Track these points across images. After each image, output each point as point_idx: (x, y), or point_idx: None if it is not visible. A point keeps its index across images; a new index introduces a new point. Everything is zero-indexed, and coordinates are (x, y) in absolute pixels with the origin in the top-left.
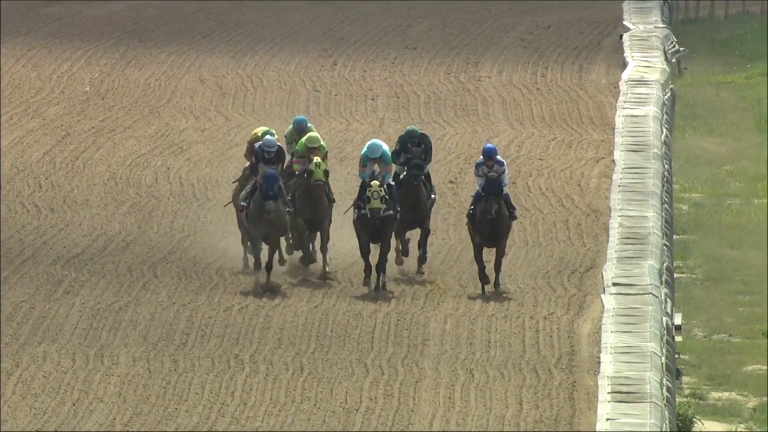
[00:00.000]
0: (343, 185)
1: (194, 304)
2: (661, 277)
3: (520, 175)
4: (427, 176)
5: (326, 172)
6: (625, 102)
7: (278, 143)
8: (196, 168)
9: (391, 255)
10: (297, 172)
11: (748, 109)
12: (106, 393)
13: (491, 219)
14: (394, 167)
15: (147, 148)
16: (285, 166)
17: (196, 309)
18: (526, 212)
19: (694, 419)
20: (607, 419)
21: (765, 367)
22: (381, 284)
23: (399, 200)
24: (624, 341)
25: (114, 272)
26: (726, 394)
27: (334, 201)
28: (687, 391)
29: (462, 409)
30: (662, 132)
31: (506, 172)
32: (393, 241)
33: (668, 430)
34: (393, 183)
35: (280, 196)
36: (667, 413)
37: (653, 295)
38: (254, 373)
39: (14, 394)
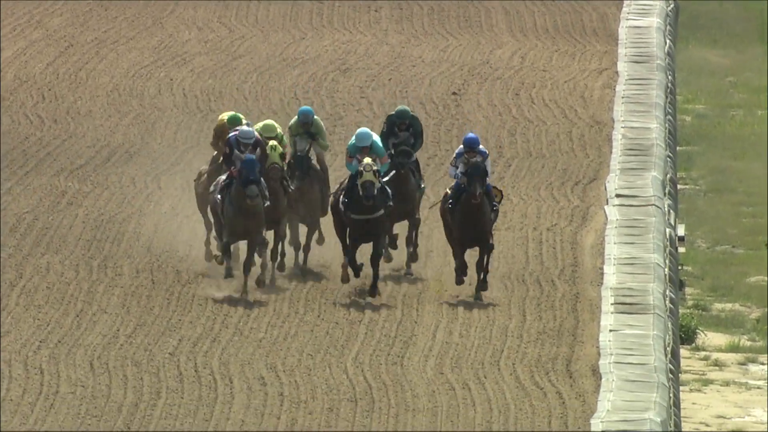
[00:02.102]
0: (347, 97)
1: (198, 215)
2: (664, 188)
3: (523, 86)
4: (416, 164)
5: (282, 156)
6: (628, 13)
7: (256, 134)
8: (200, 79)
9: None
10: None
11: (751, 20)
12: (109, 304)
13: (473, 209)
14: (386, 158)
15: (150, 59)
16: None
17: (200, 220)
18: (530, 124)
19: (697, 330)
20: (610, 330)
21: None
22: (373, 292)
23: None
24: (627, 252)
25: (117, 184)
26: (729, 306)
27: (289, 186)
28: (690, 303)
29: (465, 320)
30: (665, 43)
31: (489, 163)
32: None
33: (671, 341)
34: (383, 181)
35: (260, 184)
36: (670, 324)
37: (656, 206)
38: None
39: (17, 306)
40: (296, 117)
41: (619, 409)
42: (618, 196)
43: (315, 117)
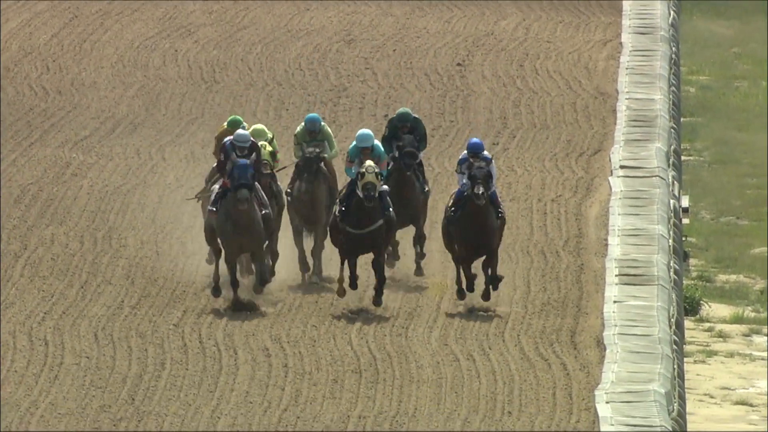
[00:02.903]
0: (351, 68)
1: (202, 185)
2: (668, 159)
3: (528, 58)
4: (420, 166)
5: (273, 154)
6: None
7: (251, 137)
8: (204, 50)
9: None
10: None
11: None
12: (114, 275)
13: (476, 216)
14: (385, 164)
15: (155, 30)
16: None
17: (205, 190)
18: (534, 95)
19: (701, 301)
20: (615, 302)
21: None
22: (378, 302)
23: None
24: (631, 224)
25: (122, 155)
26: (733, 277)
27: (283, 205)
28: (694, 274)
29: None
30: (670, 14)
31: (494, 168)
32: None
33: (675, 312)
34: (386, 187)
35: (255, 191)
36: (674, 296)
37: (660, 177)
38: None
39: (22, 277)
40: (303, 124)
41: (623, 381)
42: (622, 167)
43: (322, 124)
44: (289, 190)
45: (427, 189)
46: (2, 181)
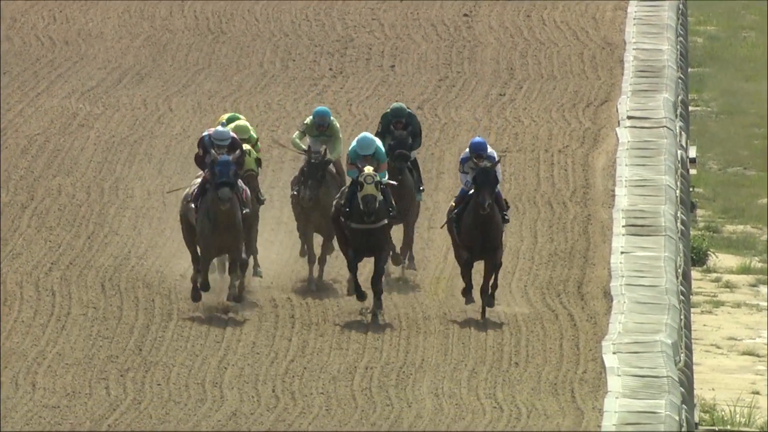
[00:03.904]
0: (358, 18)
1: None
2: (675, 110)
3: (534, 8)
4: (415, 164)
5: (258, 161)
6: None
7: (232, 134)
8: (211, 1)
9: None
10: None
11: None
12: (120, 226)
13: (480, 219)
14: (386, 165)
15: None
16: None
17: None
18: (541, 45)
19: (708, 252)
20: (622, 252)
21: None
22: (374, 313)
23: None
24: (638, 174)
25: (129, 105)
26: (740, 227)
27: (262, 202)
28: (701, 224)
29: None
30: None
31: (499, 168)
32: None
33: (682, 263)
34: (387, 185)
35: (236, 189)
36: (681, 246)
37: (668, 128)
38: (268, 204)
39: (29, 227)
40: (311, 117)
41: (630, 331)
42: (629, 117)
43: (332, 119)
44: (294, 193)
45: (422, 188)
46: (9, 131)
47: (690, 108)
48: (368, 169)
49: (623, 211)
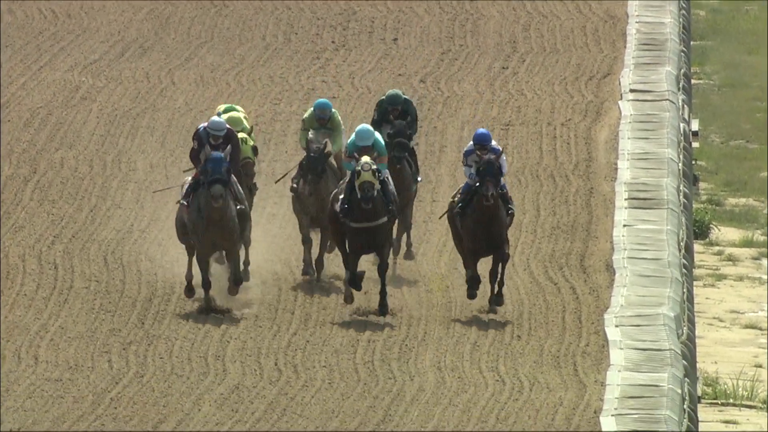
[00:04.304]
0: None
1: (212, 110)
2: (678, 83)
3: None
4: (412, 153)
5: (255, 149)
6: None
7: (228, 125)
8: None
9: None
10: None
11: None
12: (123, 199)
13: (485, 212)
14: (386, 158)
15: None
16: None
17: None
18: (544, 18)
19: (711, 225)
20: (624, 225)
21: None
22: (383, 311)
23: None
24: (641, 147)
25: (131, 78)
26: (743, 200)
27: (254, 189)
28: (704, 197)
29: None
30: None
31: (504, 160)
32: None
33: (685, 236)
34: (388, 178)
35: (230, 185)
36: (683, 219)
37: (670, 101)
38: (271, 175)
39: (32, 201)
40: (311, 109)
41: (633, 304)
42: (632, 91)
43: (333, 111)
44: (294, 186)
45: (419, 178)
46: (12, 104)
47: (692, 81)
48: (365, 158)
49: (626, 184)
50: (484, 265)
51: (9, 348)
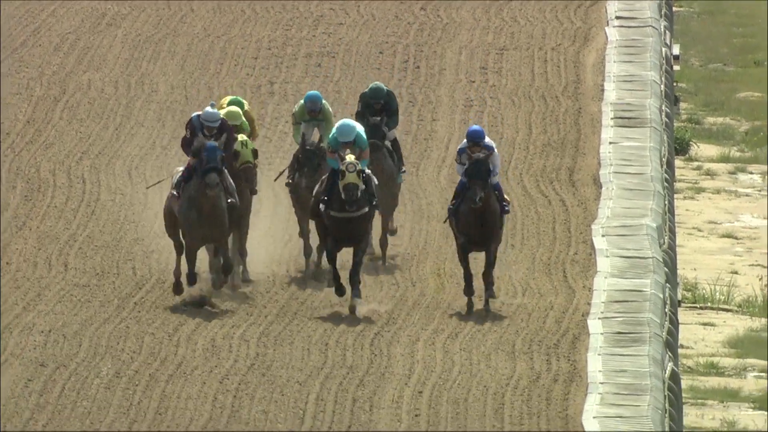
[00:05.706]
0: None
1: (228, 35)
2: (660, 10)
3: None
4: (395, 145)
5: (255, 152)
6: None
7: (222, 116)
8: None
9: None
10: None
11: None
12: (146, 118)
13: (476, 211)
14: (368, 153)
15: None
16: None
17: (230, 40)
18: None
19: (691, 142)
20: (610, 142)
21: (757, 94)
22: (352, 306)
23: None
24: (626, 70)
25: (154, 5)
26: (720, 119)
27: (254, 192)
28: (684, 117)
29: None
30: None
31: (497, 158)
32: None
33: (666, 152)
34: (370, 171)
35: (223, 176)
36: (665, 137)
37: (653, 27)
38: (279, 119)
39: (61, 120)
40: (302, 102)
41: (618, 216)
42: (618, 17)
43: (323, 102)
44: (289, 181)
45: (403, 170)
46: (43, 30)
47: (674, 8)
48: (350, 158)
49: (611, 105)
50: (480, 264)
51: (41, 256)
